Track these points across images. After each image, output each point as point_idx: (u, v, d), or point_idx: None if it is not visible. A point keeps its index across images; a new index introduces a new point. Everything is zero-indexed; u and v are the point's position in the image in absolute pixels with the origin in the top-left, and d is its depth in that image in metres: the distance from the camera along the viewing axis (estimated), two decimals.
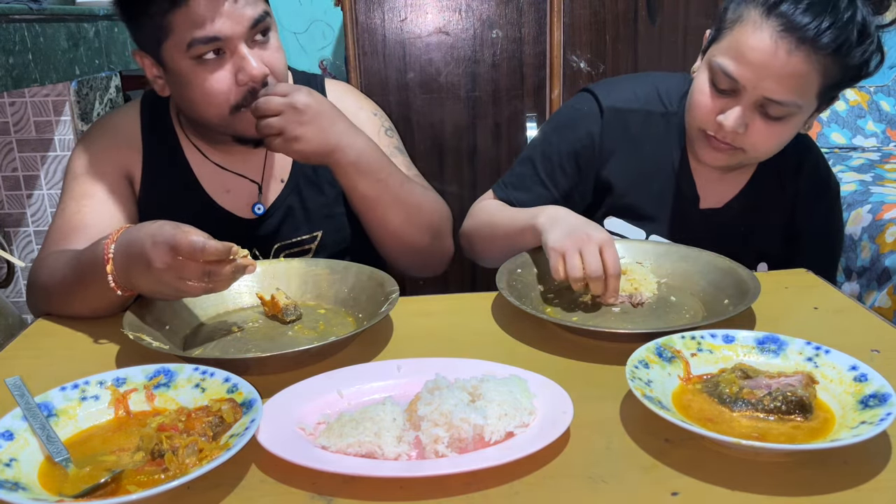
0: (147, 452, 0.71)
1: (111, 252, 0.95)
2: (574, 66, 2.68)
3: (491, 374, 0.82)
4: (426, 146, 2.72)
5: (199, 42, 1.06)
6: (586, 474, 0.70)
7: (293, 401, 0.80)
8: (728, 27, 1.11)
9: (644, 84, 1.33)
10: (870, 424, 0.70)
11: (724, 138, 1.15)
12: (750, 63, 1.07)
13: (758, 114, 1.11)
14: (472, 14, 2.62)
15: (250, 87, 1.11)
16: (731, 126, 1.11)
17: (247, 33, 1.09)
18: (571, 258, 1.03)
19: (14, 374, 0.82)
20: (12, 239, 1.96)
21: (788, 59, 1.05)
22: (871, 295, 2.19)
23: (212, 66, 1.09)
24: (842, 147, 2.99)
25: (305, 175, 1.31)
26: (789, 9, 1.04)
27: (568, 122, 1.34)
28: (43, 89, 1.75)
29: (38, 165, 1.87)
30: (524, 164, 1.36)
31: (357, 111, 1.34)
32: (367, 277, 1.09)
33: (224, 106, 1.12)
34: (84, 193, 1.19)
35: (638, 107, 1.30)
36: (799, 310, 1.09)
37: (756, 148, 1.16)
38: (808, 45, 1.04)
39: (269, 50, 1.14)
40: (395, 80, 2.65)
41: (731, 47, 1.10)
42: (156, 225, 0.91)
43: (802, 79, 1.06)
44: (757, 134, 1.13)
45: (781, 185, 1.31)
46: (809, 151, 1.32)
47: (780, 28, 1.04)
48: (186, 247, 0.86)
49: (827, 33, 1.03)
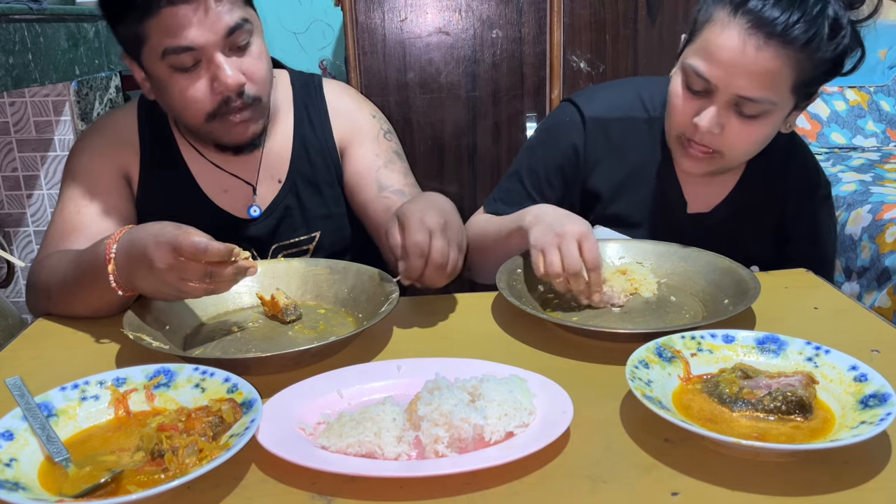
0: (147, 452, 0.71)
1: (113, 252, 0.95)
2: (574, 66, 2.68)
3: (491, 374, 0.82)
4: (426, 146, 2.72)
5: (172, 51, 1.06)
6: (586, 474, 0.70)
7: (293, 401, 0.80)
8: (699, 29, 1.11)
9: (626, 91, 1.32)
10: (870, 424, 0.70)
11: (701, 141, 1.13)
12: (720, 62, 1.07)
13: (733, 113, 1.10)
14: (472, 14, 2.62)
15: (225, 95, 1.10)
16: (707, 126, 1.10)
17: (222, 42, 1.08)
18: (550, 254, 1.01)
19: (14, 374, 0.82)
20: (12, 239, 1.96)
21: (758, 55, 1.04)
22: (871, 295, 2.19)
23: (188, 74, 1.09)
24: (842, 147, 2.99)
25: (303, 175, 1.30)
26: (757, 5, 1.04)
27: (552, 134, 1.33)
28: (43, 89, 1.75)
29: (38, 165, 1.87)
30: (511, 178, 1.35)
31: (356, 113, 1.33)
32: (367, 277, 1.09)
33: (200, 114, 1.12)
34: (82, 194, 1.19)
35: (620, 115, 1.28)
36: (799, 310, 1.09)
37: (734, 149, 1.14)
38: (777, 39, 1.03)
39: (250, 57, 1.12)
40: (395, 79, 2.65)
41: (702, 48, 1.09)
42: (158, 226, 0.91)
43: (774, 75, 1.06)
44: (734, 134, 1.12)
45: (769, 186, 1.30)
46: (797, 152, 1.31)
47: (748, 25, 1.04)
48: (189, 248, 0.87)
49: (796, 27, 1.02)
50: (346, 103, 1.34)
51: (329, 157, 1.31)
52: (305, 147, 1.30)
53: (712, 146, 1.14)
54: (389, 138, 1.35)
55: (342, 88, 1.37)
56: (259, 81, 1.14)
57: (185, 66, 1.08)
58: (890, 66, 3.13)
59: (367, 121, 1.33)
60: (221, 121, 1.13)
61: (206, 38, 1.06)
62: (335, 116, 1.32)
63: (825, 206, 1.34)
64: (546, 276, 1.02)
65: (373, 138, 1.32)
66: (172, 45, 1.06)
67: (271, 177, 1.29)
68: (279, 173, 1.30)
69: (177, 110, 1.14)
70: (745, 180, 1.29)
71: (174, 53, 1.06)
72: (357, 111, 1.34)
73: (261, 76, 1.14)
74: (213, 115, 1.12)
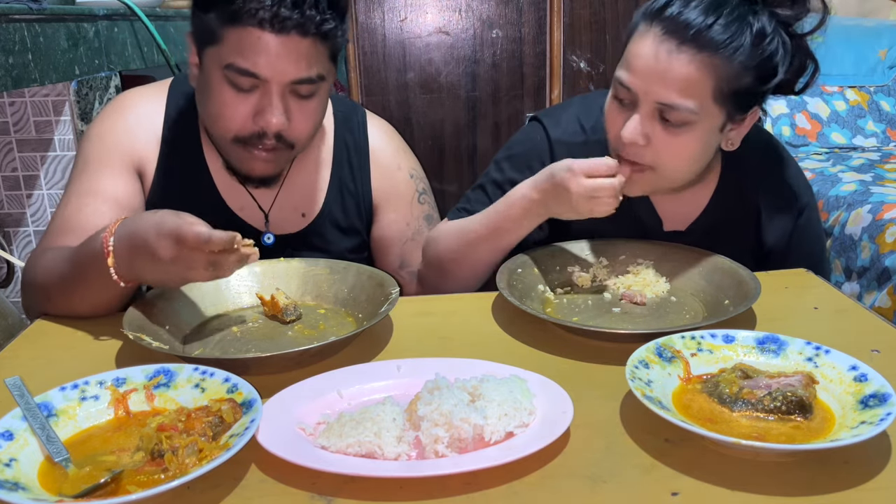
0: (147, 452, 0.71)
1: (111, 245, 0.94)
2: (574, 65, 2.68)
3: (491, 374, 0.82)
4: (426, 146, 2.73)
5: (235, 70, 1.03)
6: (586, 474, 0.70)
7: (293, 401, 0.79)
8: (627, 41, 1.11)
9: (589, 109, 1.28)
10: (870, 424, 0.70)
11: (628, 156, 1.10)
12: (637, 69, 1.06)
13: (657, 122, 1.08)
14: (472, 14, 2.62)
15: (262, 130, 1.07)
16: (630, 136, 1.08)
17: (287, 85, 1.05)
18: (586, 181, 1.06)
19: (14, 374, 0.82)
20: (12, 239, 1.96)
21: (671, 59, 1.03)
22: (871, 295, 2.18)
23: (238, 93, 1.05)
24: (842, 147, 2.99)
25: (333, 218, 1.27)
26: (672, 11, 1.04)
27: (519, 152, 1.30)
28: (43, 89, 1.75)
29: (38, 165, 1.87)
30: (476, 191, 1.31)
31: (395, 172, 1.30)
32: (367, 277, 1.09)
33: (229, 132, 1.08)
34: (88, 190, 1.15)
35: (582, 140, 1.25)
36: (799, 310, 1.09)
37: (663, 162, 1.10)
38: (690, 44, 1.03)
39: (303, 112, 1.08)
40: (395, 79, 2.65)
41: (625, 59, 1.09)
42: (157, 215, 0.90)
43: (690, 80, 1.04)
44: (660, 144, 1.08)
45: (744, 201, 1.26)
46: (772, 164, 1.28)
47: (661, 31, 1.04)
48: (192, 238, 0.86)
49: (710, 31, 1.02)
50: (388, 155, 1.30)
51: (363, 205, 1.29)
52: (341, 190, 1.27)
53: (642, 161, 1.10)
54: (423, 200, 1.33)
55: (388, 133, 1.33)
56: (300, 134, 1.10)
57: (241, 86, 1.05)
58: (890, 66, 3.13)
59: (405, 182, 1.31)
60: (244, 148, 1.09)
61: (273, 75, 1.03)
62: (376, 165, 1.29)
63: (806, 219, 1.28)
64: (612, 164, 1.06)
65: (407, 203, 1.31)
66: (239, 65, 1.02)
67: (294, 207, 1.25)
68: (304, 207, 1.26)
69: (209, 116, 1.10)
70: (718, 194, 1.26)
71: (236, 72, 1.03)
72: (397, 170, 1.30)
73: (305, 130, 1.10)
74: (241, 140, 1.09)
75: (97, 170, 1.17)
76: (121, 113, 1.20)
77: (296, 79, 1.04)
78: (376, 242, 1.32)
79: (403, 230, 1.31)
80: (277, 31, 1.00)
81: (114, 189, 1.16)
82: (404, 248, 1.31)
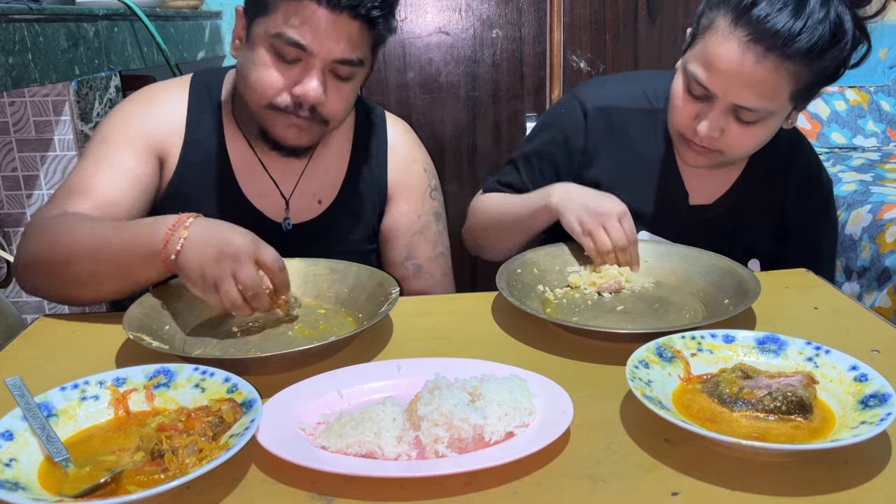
0: (147, 452, 0.71)
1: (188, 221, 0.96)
2: (574, 65, 2.68)
3: (491, 374, 0.82)
4: (426, 146, 2.72)
5: (284, 39, 1.05)
6: (586, 474, 0.70)
7: (293, 401, 0.79)
8: (701, 34, 1.11)
9: (630, 83, 1.34)
10: (870, 424, 0.70)
11: (700, 143, 1.15)
12: (719, 72, 1.07)
13: (732, 118, 1.11)
14: (472, 14, 2.62)
15: (297, 101, 1.09)
16: (706, 133, 1.12)
17: (330, 62, 1.08)
18: (598, 234, 1.11)
19: (14, 374, 0.82)
20: (12, 239, 1.96)
21: (756, 68, 1.04)
22: (871, 295, 2.19)
23: (281, 63, 1.08)
24: (842, 147, 2.99)
25: (348, 207, 1.28)
26: (757, 16, 1.03)
27: (548, 125, 1.37)
28: (42, 89, 1.75)
29: (38, 165, 1.87)
30: (509, 165, 1.41)
31: (411, 164, 1.32)
32: (367, 277, 1.09)
33: (264, 99, 1.10)
34: (105, 158, 1.14)
35: (623, 104, 1.30)
36: (799, 310, 1.09)
37: (734, 150, 1.16)
38: (777, 53, 1.03)
39: (339, 93, 1.12)
40: (395, 79, 2.65)
41: (702, 55, 1.10)
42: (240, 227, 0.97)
43: (772, 86, 1.06)
44: (733, 137, 1.13)
45: (771, 182, 1.31)
46: (800, 149, 1.32)
47: (747, 37, 1.04)
48: (269, 256, 0.95)
49: (797, 40, 1.02)
50: (405, 148, 1.32)
51: (378, 194, 1.30)
52: (358, 179, 1.28)
53: (712, 147, 1.15)
54: (434, 196, 1.35)
55: (404, 130, 1.36)
56: (334, 112, 1.13)
57: (286, 56, 1.07)
58: (890, 66, 3.13)
59: (419, 175, 1.33)
60: (280, 114, 1.12)
61: (320, 50, 1.06)
62: (393, 157, 1.31)
63: (825, 204, 1.35)
64: (598, 254, 1.12)
65: (420, 195, 1.32)
66: (288, 34, 1.05)
67: (312, 194, 1.27)
68: (321, 194, 1.27)
69: (247, 83, 1.12)
70: (747, 175, 1.30)
71: (284, 41, 1.06)
72: (412, 162, 1.33)
73: (338, 110, 1.14)
74: (276, 107, 1.11)
75: (118, 146, 1.16)
76: (148, 100, 1.22)
77: (339, 58, 1.07)
78: (385, 233, 1.33)
79: (413, 222, 1.31)
80: (331, 8, 1.04)
81: (134, 165, 1.16)
82: (412, 239, 1.31)
